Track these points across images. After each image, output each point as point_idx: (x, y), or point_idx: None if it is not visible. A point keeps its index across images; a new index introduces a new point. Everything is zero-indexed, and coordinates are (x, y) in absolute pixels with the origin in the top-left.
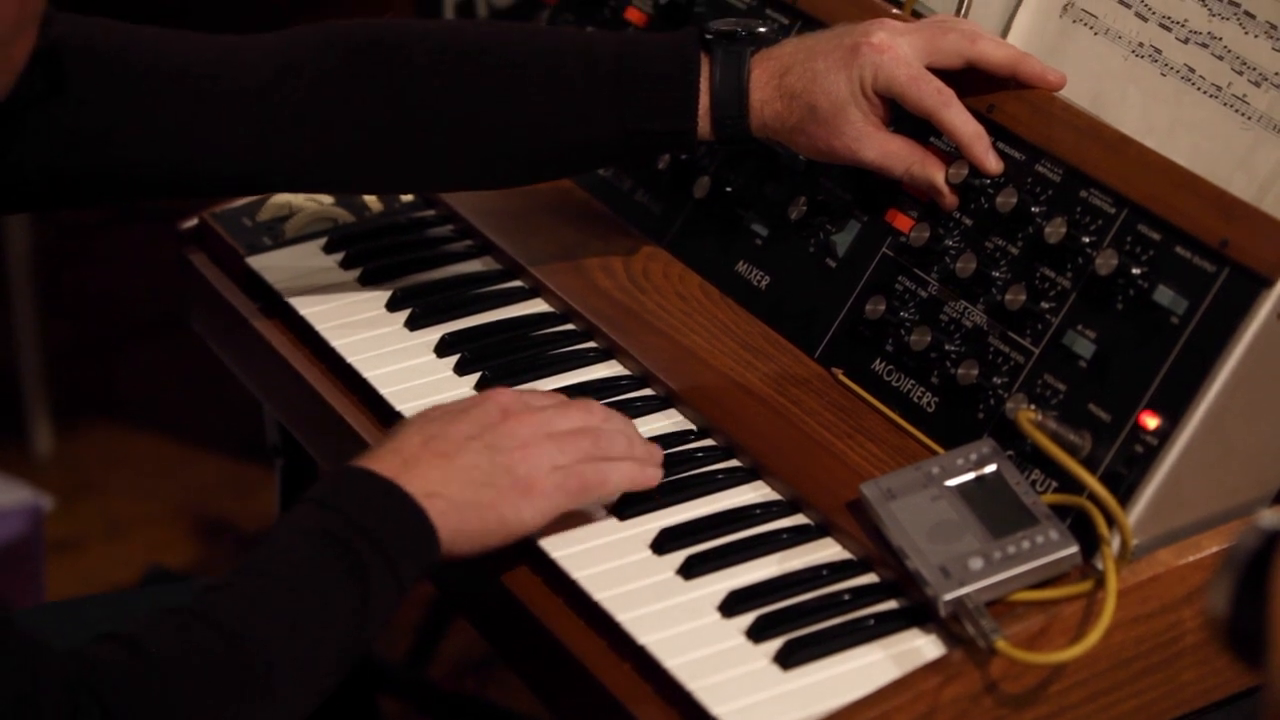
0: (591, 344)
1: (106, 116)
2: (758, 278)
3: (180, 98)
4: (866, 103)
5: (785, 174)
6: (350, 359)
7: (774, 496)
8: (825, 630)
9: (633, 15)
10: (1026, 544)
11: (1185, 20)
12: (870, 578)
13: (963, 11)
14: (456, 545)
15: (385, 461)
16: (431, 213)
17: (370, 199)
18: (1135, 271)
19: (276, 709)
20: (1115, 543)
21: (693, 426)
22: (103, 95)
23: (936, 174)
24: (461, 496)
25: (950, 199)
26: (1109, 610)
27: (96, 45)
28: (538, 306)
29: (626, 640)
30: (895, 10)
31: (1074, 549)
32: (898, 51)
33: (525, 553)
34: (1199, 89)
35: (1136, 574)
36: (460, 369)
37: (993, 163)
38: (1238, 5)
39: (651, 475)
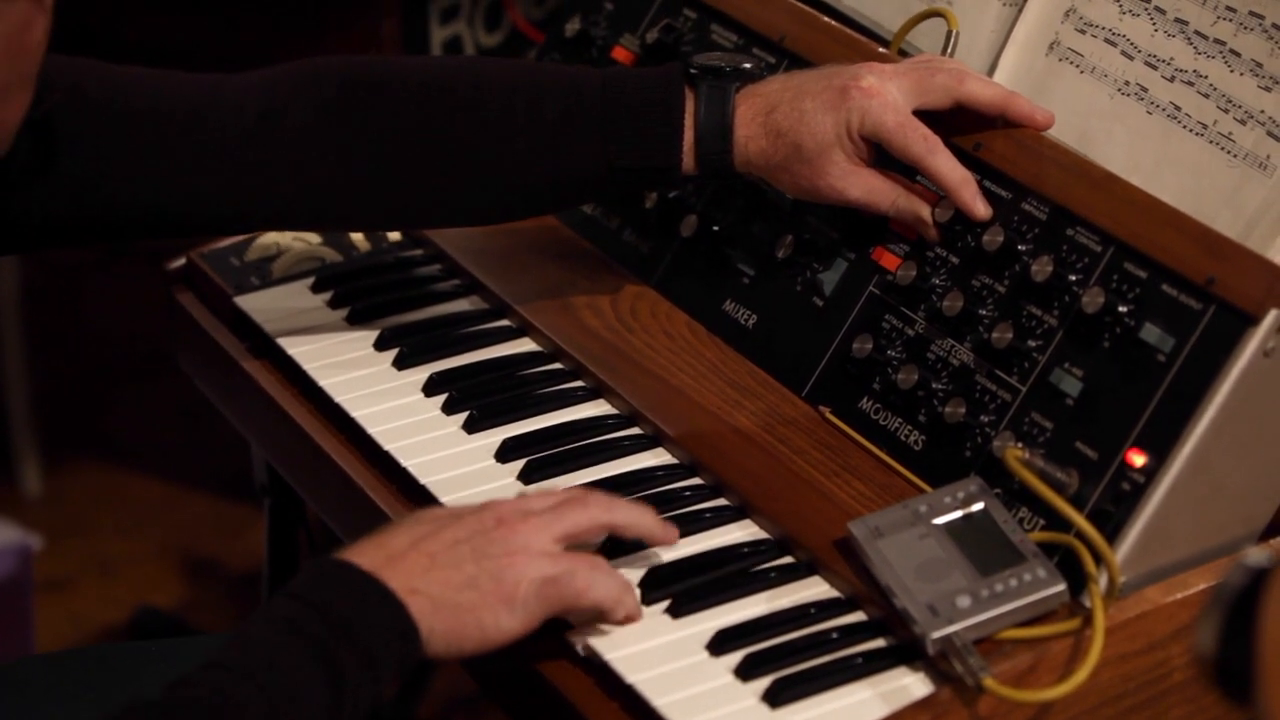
0: (579, 383)
1: (93, 159)
2: (745, 316)
3: (166, 140)
4: (851, 145)
5: (772, 212)
6: (338, 398)
7: (762, 535)
8: (814, 668)
9: (620, 54)
10: (1014, 582)
11: (1171, 59)
12: (858, 616)
13: (949, 51)
14: (432, 645)
15: (368, 555)
16: (419, 252)
17: (358, 238)
18: (1122, 309)
19: None
20: (1103, 580)
21: (681, 464)
22: (89, 138)
23: (922, 207)
24: (443, 596)
25: (936, 233)
26: (1097, 648)
27: (84, 87)
28: (526, 345)
29: (614, 679)
30: (882, 50)
31: (1061, 587)
32: (886, 97)
33: None
34: (1185, 127)
35: (1124, 611)
36: (448, 408)
37: (980, 208)
38: (1223, 43)
39: (635, 600)
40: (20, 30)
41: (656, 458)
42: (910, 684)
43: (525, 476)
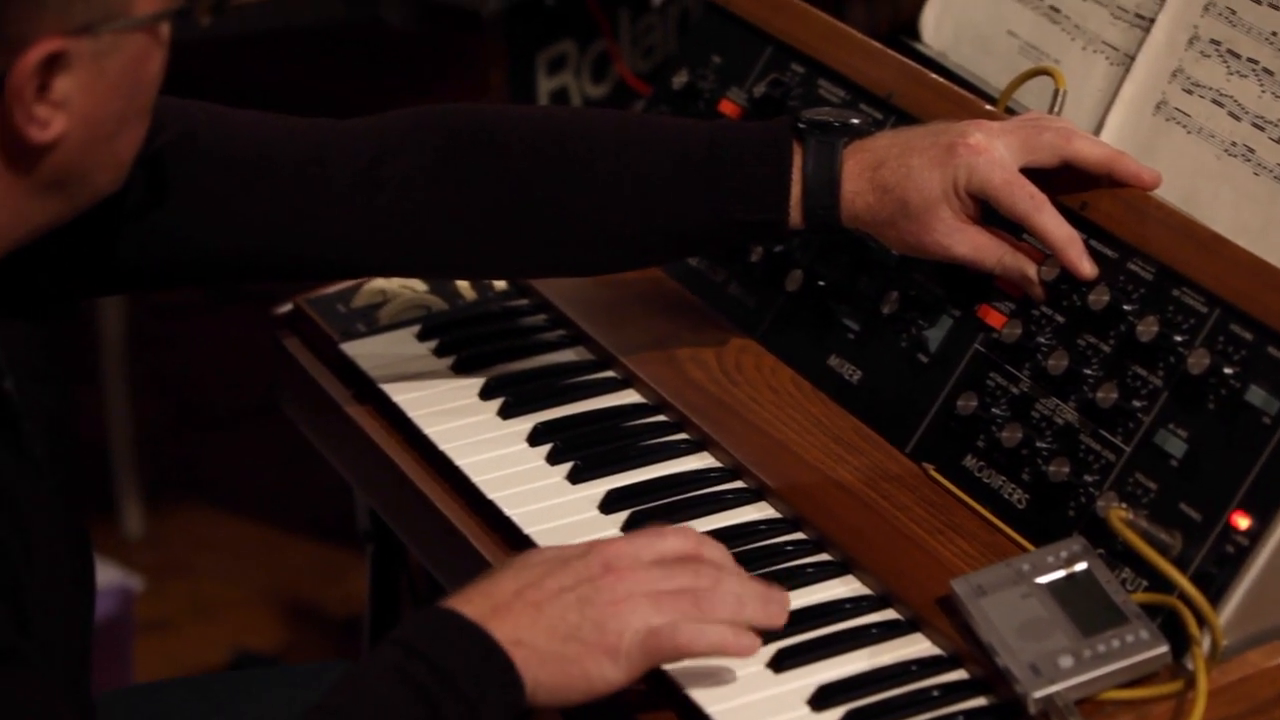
0: (683, 435)
1: (203, 203)
2: (850, 372)
3: (276, 186)
4: (958, 201)
5: (878, 268)
6: (443, 446)
7: (864, 591)
8: None
9: (727, 108)
10: (1116, 642)
11: (1278, 120)
12: (960, 674)
13: (1056, 109)
14: (537, 696)
15: (475, 604)
16: (524, 302)
17: (464, 286)
18: (1227, 371)
19: None
20: (1206, 643)
21: (784, 519)
22: (200, 182)
23: (1028, 265)
24: (548, 647)
25: (1041, 291)
26: (1199, 711)
27: (196, 132)
28: (630, 397)
29: None
30: (989, 107)
31: (1164, 648)
32: (994, 154)
33: None
34: None
35: (1226, 674)
36: (553, 458)
37: (1087, 267)
38: None
39: (747, 645)
40: (138, 63)
41: (760, 512)
42: None
43: (629, 528)
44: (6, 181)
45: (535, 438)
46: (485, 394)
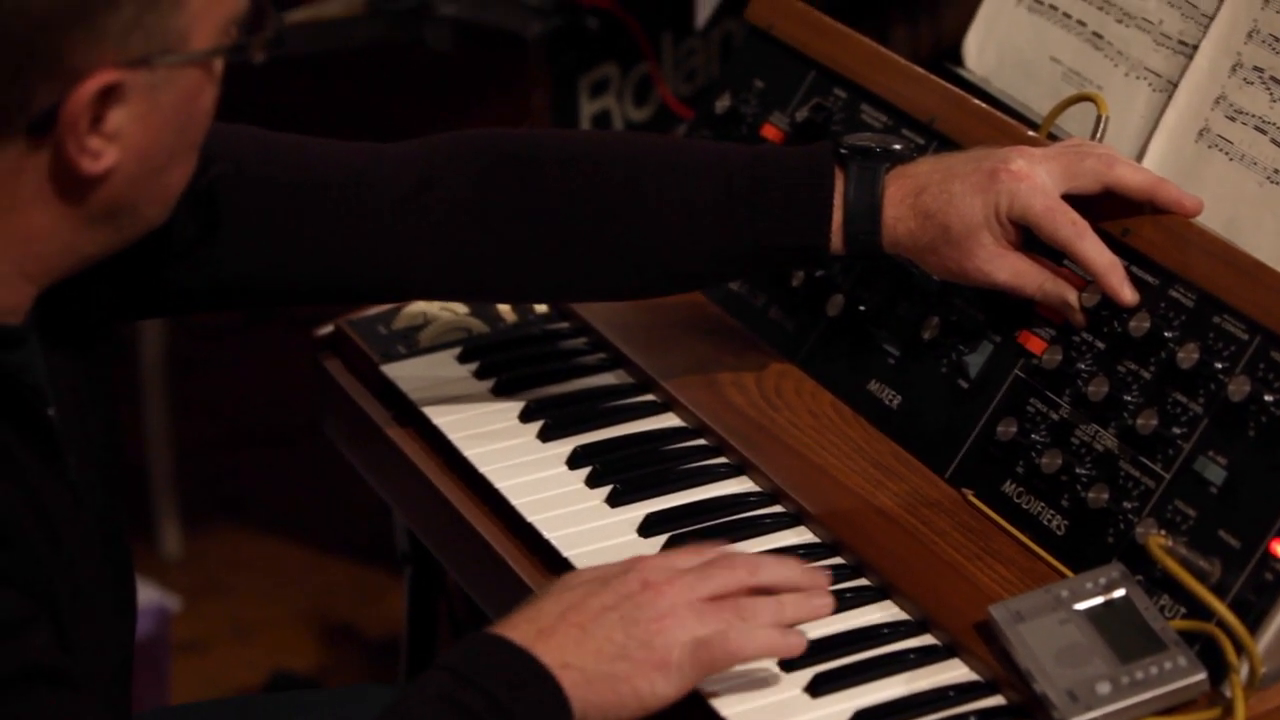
0: (723, 459)
1: (250, 230)
2: (890, 397)
3: (321, 210)
4: (1000, 227)
5: (918, 293)
6: (483, 469)
7: (902, 616)
8: None
9: (769, 132)
10: (1154, 669)
11: None
12: (997, 700)
13: (1098, 136)
14: (588, 717)
15: (521, 629)
16: (565, 325)
17: (505, 309)
18: (1268, 398)
19: None
20: (1244, 670)
21: (822, 543)
22: (246, 209)
23: (1069, 292)
24: (596, 668)
25: (1082, 317)
26: None
27: (242, 157)
28: (670, 421)
29: None
30: (1031, 133)
31: (1202, 675)
32: (1036, 180)
33: None
34: None
35: (1264, 702)
36: (592, 481)
37: (1128, 294)
38: None
39: (794, 644)
40: (191, 97)
41: (798, 536)
42: None
43: None
44: (57, 212)
45: (575, 461)
46: (525, 417)
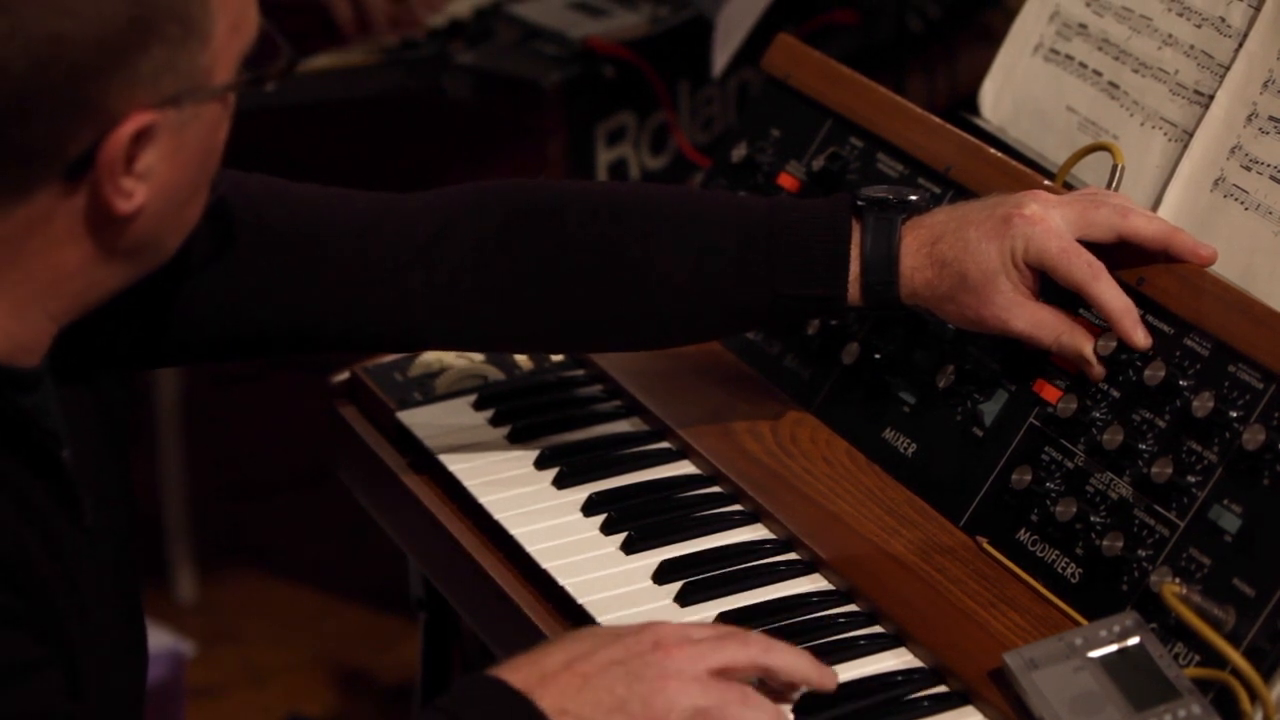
0: (738, 507)
1: (265, 278)
2: (905, 445)
3: (335, 260)
4: (1016, 273)
5: (933, 342)
6: (498, 516)
7: (916, 664)
8: None
9: (785, 181)
10: (1169, 717)
11: None
12: None
13: (1114, 185)
14: None
15: (522, 673)
16: (581, 372)
17: (520, 357)
18: None
19: None
20: (1258, 718)
21: (837, 590)
22: (262, 257)
23: (1085, 344)
24: (593, 718)
25: (1098, 370)
26: None
27: (257, 205)
28: (685, 468)
29: None
30: (1047, 182)
31: None
32: (1050, 224)
33: None
34: None
35: None
36: (607, 528)
37: (1141, 338)
38: None
39: None
40: (212, 131)
41: (813, 583)
42: None
43: (682, 598)
44: (88, 251)
45: (589, 508)
46: (540, 464)
